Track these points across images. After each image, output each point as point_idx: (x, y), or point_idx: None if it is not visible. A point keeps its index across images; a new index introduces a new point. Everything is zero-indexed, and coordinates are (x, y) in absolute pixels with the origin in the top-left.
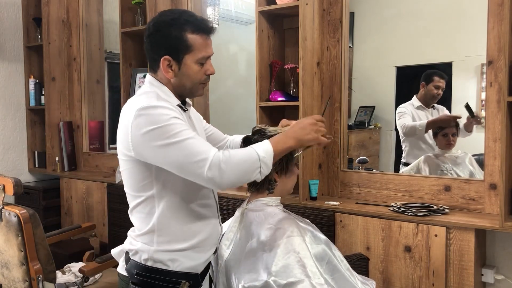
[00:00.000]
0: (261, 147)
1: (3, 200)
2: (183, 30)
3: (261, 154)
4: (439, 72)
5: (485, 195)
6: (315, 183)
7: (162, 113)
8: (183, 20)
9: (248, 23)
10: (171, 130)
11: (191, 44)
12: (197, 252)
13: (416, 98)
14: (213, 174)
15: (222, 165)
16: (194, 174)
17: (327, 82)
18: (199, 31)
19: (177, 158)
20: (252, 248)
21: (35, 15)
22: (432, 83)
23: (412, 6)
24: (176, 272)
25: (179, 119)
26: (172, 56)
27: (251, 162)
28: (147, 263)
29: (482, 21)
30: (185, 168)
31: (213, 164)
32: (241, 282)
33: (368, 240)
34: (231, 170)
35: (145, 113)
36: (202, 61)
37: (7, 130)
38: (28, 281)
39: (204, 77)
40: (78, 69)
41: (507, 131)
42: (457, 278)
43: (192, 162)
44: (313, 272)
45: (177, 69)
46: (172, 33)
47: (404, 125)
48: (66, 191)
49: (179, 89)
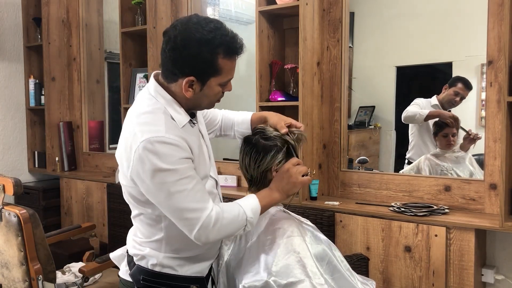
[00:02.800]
0: (250, 207)
1: (3, 200)
2: (216, 53)
3: (249, 216)
4: (466, 81)
5: (485, 195)
6: (315, 183)
7: (168, 154)
8: (218, 42)
9: (248, 23)
10: (173, 176)
11: (221, 68)
12: (205, 257)
13: (436, 98)
14: (200, 236)
15: (211, 228)
16: (183, 228)
17: (327, 82)
18: (232, 54)
19: (170, 208)
20: (252, 248)
21: (35, 15)
22: (454, 88)
23: (412, 6)
24: (184, 276)
25: (184, 160)
26: (198, 77)
27: (238, 223)
28: (155, 268)
29: (482, 21)
30: (175, 219)
31: (203, 226)
32: (241, 282)
33: (368, 240)
34: (219, 231)
35: (153, 150)
36: (226, 83)
37: (7, 130)
38: (28, 281)
39: (221, 94)
40: (78, 69)
41: (507, 131)
42: (457, 278)
43: (184, 217)
44: (313, 272)
45: (198, 89)
46: (203, 54)
47: (406, 109)
48: (66, 191)
49: (193, 106)
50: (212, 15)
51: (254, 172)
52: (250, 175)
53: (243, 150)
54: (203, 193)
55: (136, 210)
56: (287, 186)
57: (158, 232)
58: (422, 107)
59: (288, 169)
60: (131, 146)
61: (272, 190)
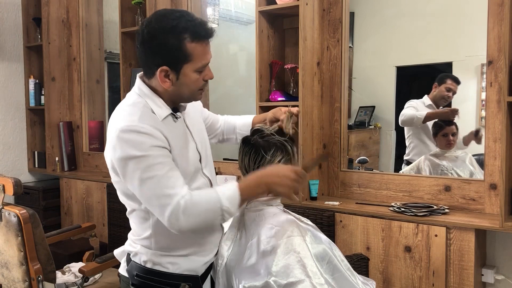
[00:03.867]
0: (227, 195)
1: (3, 200)
2: (182, 38)
3: (224, 205)
4: (454, 76)
5: (485, 195)
6: (315, 183)
7: (140, 141)
8: (182, 27)
9: (248, 23)
10: (144, 162)
11: (190, 53)
12: (198, 256)
13: (428, 97)
14: (172, 223)
15: (181, 214)
16: (156, 213)
17: (327, 82)
18: (199, 38)
19: (143, 194)
20: (252, 248)
21: (35, 15)
22: (444, 85)
23: (412, 6)
24: (176, 274)
25: (157, 148)
26: (170, 66)
27: (212, 212)
28: (146, 264)
29: (482, 21)
30: (149, 205)
31: (173, 211)
32: (241, 282)
33: (368, 240)
34: (190, 219)
35: (125, 138)
36: (201, 69)
37: (7, 130)
38: (28, 281)
39: (203, 83)
40: (78, 69)
41: (507, 131)
42: (457, 278)
43: (155, 203)
44: (313, 272)
45: (175, 79)
46: (169, 41)
47: (403, 113)
48: (66, 191)
49: (176, 98)
50: (212, 15)
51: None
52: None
53: (242, 150)
54: (176, 179)
55: (128, 207)
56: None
57: (147, 229)
58: (417, 108)
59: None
60: (109, 137)
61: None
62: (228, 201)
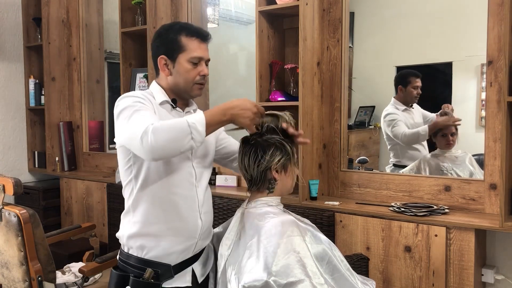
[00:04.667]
0: (193, 116)
1: (3, 200)
2: (179, 33)
3: (190, 120)
4: (413, 72)
5: (485, 195)
6: (315, 183)
7: (129, 98)
8: (180, 26)
9: (248, 23)
10: (128, 110)
11: (184, 45)
12: (165, 241)
13: (397, 101)
14: (145, 139)
15: (153, 130)
16: (134, 143)
17: (327, 82)
18: (193, 35)
19: (125, 131)
20: (252, 248)
21: (35, 15)
22: (410, 85)
23: (412, 6)
24: (145, 259)
25: (139, 101)
26: (168, 55)
27: (180, 128)
28: (124, 248)
29: (482, 21)
30: (129, 138)
31: (146, 130)
32: (241, 281)
33: (368, 240)
34: (161, 134)
35: (118, 102)
36: (194, 60)
37: (7, 130)
38: (28, 281)
39: (198, 77)
40: (78, 69)
41: (507, 131)
42: (457, 278)
43: (132, 132)
44: (313, 272)
45: (172, 67)
46: (169, 36)
47: (404, 134)
48: (66, 191)
49: (175, 87)
50: (212, 15)
51: (254, 172)
52: (249, 175)
53: (241, 150)
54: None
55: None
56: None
57: (129, 203)
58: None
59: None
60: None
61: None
62: (194, 119)
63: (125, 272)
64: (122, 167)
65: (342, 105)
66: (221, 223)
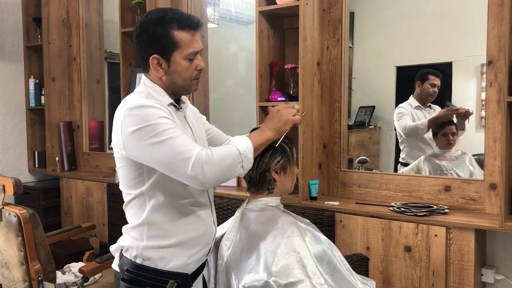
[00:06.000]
0: (240, 143)
1: (3, 200)
2: (169, 27)
3: (241, 149)
4: (433, 71)
5: (485, 195)
6: (315, 183)
7: (149, 113)
8: (169, 18)
9: (248, 23)
10: (157, 129)
11: (178, 41)
12: (187, 250)
13: (413, 98)
14: (196, 172)
15: (204, 163)
16: (179, 172)
17: (327, 82)
18: (185, 27)
19: (162, 157)
20: (252, 248)
21: (35, 15)
22: (427, 82)
23: (412, 6)
24: (165, 271)
25: (166, 118)
26: (161, 54)
27: (232, 158)
28: (136, 260)
29: (482, 21)
30: (170, 166)
31: (196, 162)
32: (241, 282)
33: (368, 240)
34: (214, 167)
35: (134, 113)
36: (190, 56)
37: (7, 130)
38: (28, 281)
39: (195, 72)
40: (78, 69)
41: (507, 131)
42: (457, 278)
43: (176, 161)
44: (313, 272)
45: (166, 67)
46: (158, 31)
47: (405, 126)
48: (66, 191)
49: (172, 87)
50: (212, 15)
51: (253, 173)
52: (249, 176)
53: None
54: (190, 140)
55: (127, 197)
56: (278, 124)
57: (141, 217)
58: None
59: (279, 109)
60: (119, 119)
61: (263, 130)
62: (243, 146)
63: (139, 285)
64: (129, 180)
65: (342, 105)
66: (221, 223)
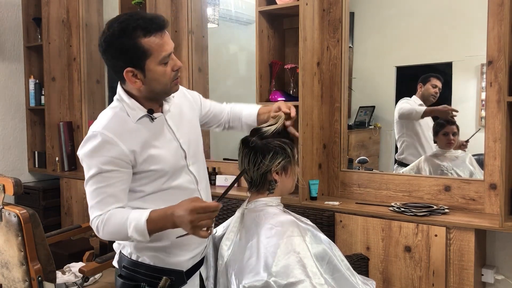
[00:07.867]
0: (134, 225)
1: (3, 200)
2: (135, 37)
3: (129, 233)
4: (435, 74)
5: (485, 195)
6: (315, 183)
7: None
8: (132, 27)
9: (248, 23)
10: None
11: (147, 48)
12: (181, 250)
13: (417, 97)
14: (94, 228)
15: (97, 229)
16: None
17: (327, 82)
18: (151, 32)
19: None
20: (252, 248)
21: (35, 15)
22: (429, 83)
23: (412, 6)
24: (159, 267)
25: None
26: (133, 65)
27: (122, 236)
28: (132, 256)
29: (482, 21)
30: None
31: (93, 224)
32: (242, 282)
33: (368, 240)
34: (105, 235)
35: (86, 141)
36: (164, 60)
37: (7, 130)
38: (28, 281)
39: (173, 73)
40: (78, 69)
41: (507, 131)
42: (457, 278)
43: (90, 205)
44: (313, 272)
45: (142, 77)
46: (124, 44)
47: (401, 108)
48: (66, 191)
49: (151, 94)
50: (212, 15)
51: (254, 175)
52: (250, 177)
53: (241, 152)
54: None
55: None
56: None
57: None
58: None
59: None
60: None
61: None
62: (135, 231)
63: (135, 281)
64: None
65: (342, 105)
66: (221, 223)
